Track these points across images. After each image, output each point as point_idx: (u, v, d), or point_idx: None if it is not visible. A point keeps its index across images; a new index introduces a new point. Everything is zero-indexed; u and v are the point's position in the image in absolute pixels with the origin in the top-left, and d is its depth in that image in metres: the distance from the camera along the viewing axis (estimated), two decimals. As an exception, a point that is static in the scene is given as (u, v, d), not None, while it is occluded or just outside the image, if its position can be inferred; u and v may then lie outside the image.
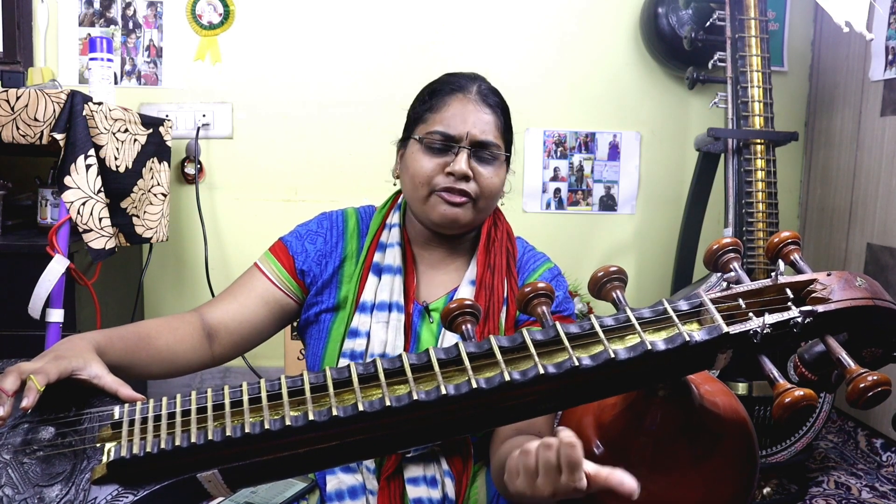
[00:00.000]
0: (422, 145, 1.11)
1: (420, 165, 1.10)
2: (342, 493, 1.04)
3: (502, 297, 1.13)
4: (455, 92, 1.12)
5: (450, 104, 1.11)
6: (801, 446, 1.96)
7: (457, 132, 1.09)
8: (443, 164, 1.09)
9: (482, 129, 1.10)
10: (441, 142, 1.10)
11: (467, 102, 1.11)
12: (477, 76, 1.17)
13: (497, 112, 1.13)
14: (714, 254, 0.80)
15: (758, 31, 1.98)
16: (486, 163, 1.11)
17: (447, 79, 1.16)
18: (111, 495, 0.73)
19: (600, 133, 2.64)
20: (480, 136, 1.10)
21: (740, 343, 0.74)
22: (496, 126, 1.12)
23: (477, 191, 1.10)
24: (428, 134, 1.11)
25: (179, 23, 2.48)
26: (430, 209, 1.11)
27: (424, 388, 0.74)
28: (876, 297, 0.74)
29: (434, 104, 1.13)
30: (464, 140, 1.09)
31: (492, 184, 1.11)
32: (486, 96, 1.13)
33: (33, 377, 0.78)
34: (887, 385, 0.67)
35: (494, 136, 1.11)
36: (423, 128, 1.13)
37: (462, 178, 1.08)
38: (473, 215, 1.12)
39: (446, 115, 1.11)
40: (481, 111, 1.11)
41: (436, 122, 1.11)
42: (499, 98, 1.15)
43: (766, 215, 1.97)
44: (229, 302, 1.14)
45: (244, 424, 0.72)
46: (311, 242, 1.17)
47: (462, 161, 1.08)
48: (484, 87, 1.14)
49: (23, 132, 1.69)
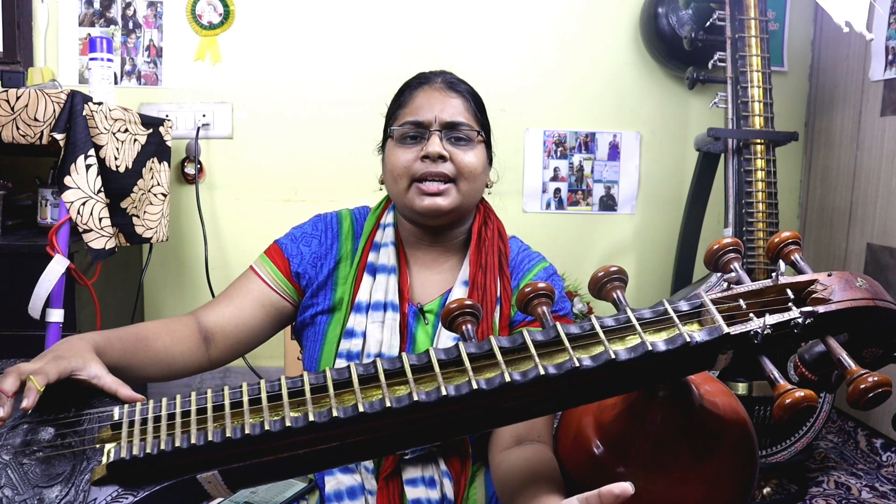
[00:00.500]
0: (395, 139, 1.13)
1: (396, 157, 1.12)
2: (341, 494, 1.04)
3: (495, 296, 1.13)
4: (421, 85, 1.15)
5: (416, 96, 1.14)
6: (801, 446, 1.96)
7: (425, 118, 1.11)
8: (418, 152, 1.10)
9: (451, 112, 1.12)
10: (412, 130, 1.11)
11: (434, 90, 1.14)
12: (443, 71, 1.19)
13: (466, 96, 1.15)
14: (715, 254, 0.80)
15: (758, 31, 1.98)
16: (461, 144, 1.12)
17: (415, 76, 1.19)
18: (111, 496, 0.73)
19: (600, 133, 2.64)
20: (450, 118, 1.11)
21: (741, 344, 0.74)
22: (466, 108, 1.14)
23: (454, 171, 1.10)
24: (399, 127, 1.13)
25: (179, 23, 2.48)
26: (411, 201, 1.11)
27: (425, 389, 0.74)
28: (877, 297, 0.74)
29: (403, 100, 1.16)
30: (433, 124, 1.11)
31: (469, 163, 1.11)
32: (454, 84, 1.15)
33: (33, 378, 0.78)
34: (888, 386, 0.67)
35: (465, 117, 1.13)
36: (394, 124, 1.15)
37: (438, 158, 1.09)
38: (458, 200, 1.11)
39: (414, 106, 1.13)
40: (448, 96, 1.13)
41: (406, 115, 1.13)
42: (467, 85, 1.17)
43: (766, 215, 1.97)
44: (225, 305, 1.14)
45: (244, 425, 0.72)
46: (305, 245, 1.17)
47: (435, 143, 1.09)
48: (449, 76, 1.17)
49: (23, 132, 1.69)
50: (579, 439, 0.92)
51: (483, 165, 1.15)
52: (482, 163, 1.14)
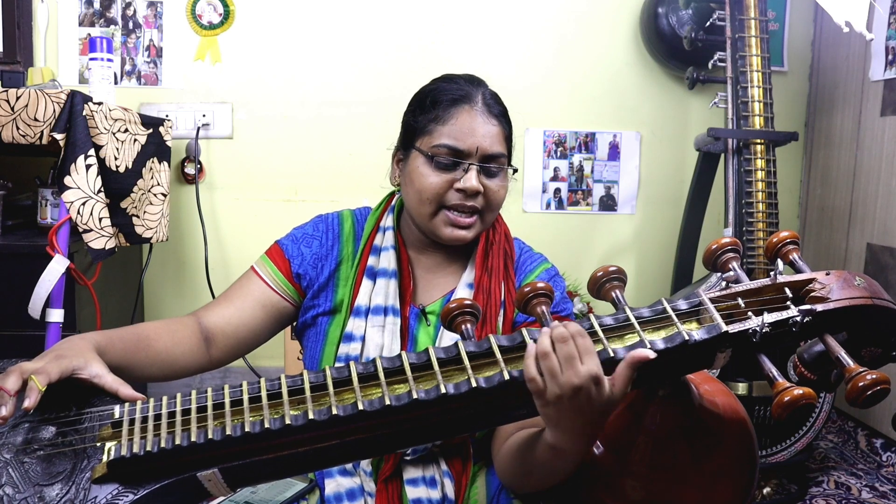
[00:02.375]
0: (428, 159, 1.09)
1: (428, 181, 1.08)
2: (341, 496, 1.04)
3: (499, 300, 1.13)
4: (460, 103, 1.09)
5: (456, 116, 1.08)
6: (801, 446, 1.96)
7: (466, 147, 1.07)
8: (451, 181, 1.07)
9: (491, 142, 1.08)
10: (449, 156, 1.08)
11: (475, 114, 1.08)
12: (478, 81, 1.14)
13: (502, 121, 1.12)
14: (713, 253, 0.81)
15: (758, 31, 1.98)
16: (493, 175, 1.10)
17: (448, 86, 1.12)
18: (111, 494, 0.73)
19: (600, 133, 2.64)
20: (490, 150, 1.08)
21: (739, 342, 0.74)
22: (503, 136, 1.11)
23: (484, 204, 1.10)
24: (434, 147, 1.08)
25: (179, 23, 2.48)
26: (436, 227, 1.10)
27: (424, 388, 0.74)
28: (875, 296, 0.74)
29: (439, 115, 1.09)
30: (473, 155, 1.07)
31: (499, 196, 1.11)
32: (492, 106, 1.10)
33: (34, 377, 0.78)
34: (886, 384, 0.67)
35: (502, 146, 1.10)
36: (427, 140, 1.09)
37: (473, 194, 1.08)
38: (479, 229, 1.12)
39: (454, 129, 1.07)
40: (489, 123, 1.09)
41: (442, 135, 1.08)
42: (502, 106, 1.13)
43: (766, 215, 1.97)
44: (226, 306, 1.13)
45: (244, 423, 0.73)
46: (306, 246, 1.17)
47: (473, 178, 1.06)
48: (489, 95, 1.12)
49: (23, 132, 1.69)
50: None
51: (507, 191, 1.14)
52: (507, 190, 1.13)
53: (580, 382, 0.73)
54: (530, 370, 0.75)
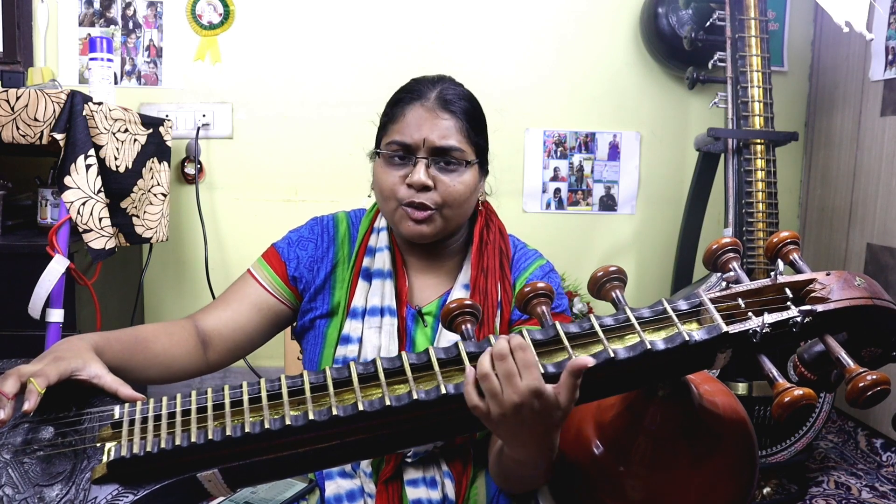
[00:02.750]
0: (382, 158, 1.10)
1: (383, 179, 1.09)
2: (341, 498, 1.04)
3: (496, 300, 1.12)
4: (413, 101, 1.09)
5: (407, 113, 1.08)
6: (801, 446, 1.96)
7: (412, 140, 1.07)
8: (403, 176, 1.07)
9: (441, 135, 1.07)
10: (399, 152, 1.08)
11: (424, 110, 1.08)
12: (442, 79, 1.13)
13: (459, 116, 1.09)
14: (713, 254, 0.81)
15: (758, 31, 1.98)
16: (448, 170, 1.08)
17: (409, 86, 1.13)
18: (111, 495, 0.73)
19: (600, 133, 2.64)
20: (439, 142, 1.07)
21: (740, 342, 0.74)
22: (458, 129, 1.08)
23: (438, 200, 1.07)
24: (387, 145, 1.09)
25: (179, 23, 2.48)
26: (398, 224, 1.10)
27: (424, 388, 0.74)
28: (875, 296, 0.74)
29: (393, 114, 1.11)
30: (421, 148, 1.07)
31: (455, 191, 1.08)
32: (447, 102, 1.08)
33: (34, 380, 0.78)
34: (886, 384, 0.67)
35: (457, 140, 1.08)
36: (384, 140, 1.11)
37: (422, 188, 1.06)
38: (441, 226, 1.09)
39: (402, 125, 1.08)
40: (439, 117, 1.07)
41: (393, 133, 1.09)
42: (463, 102, 1.10)
43: (766, 215, 1.97)
44: (223, 309, 1.13)
45: (244, 424, 0.73)
46: (302, 249, 1.17)
47: (420, 171, 1.06)
48: (446, 92, 1.10)
49: (23, 132, 1.69)
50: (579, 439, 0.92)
51: (471, 189, 1.11)
52: (470, 188, 1.10)
53: (520, 399, 0.73)
54: (472, 398, 0.75)
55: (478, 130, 1.12)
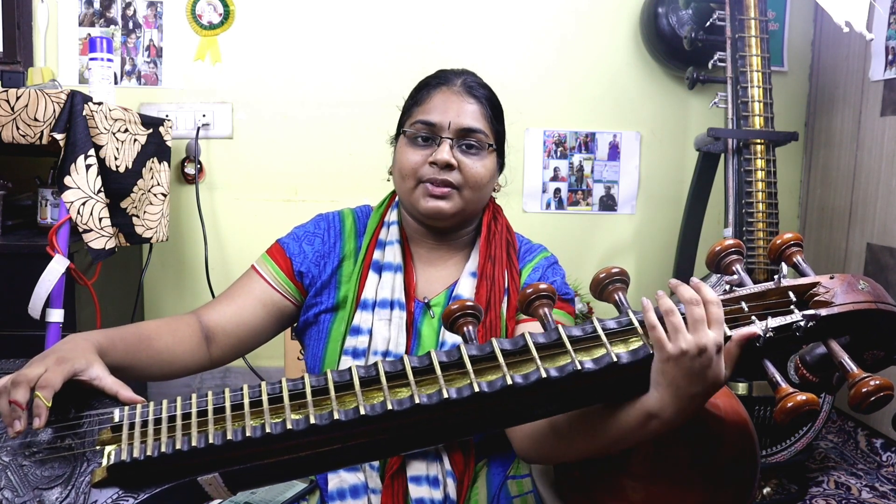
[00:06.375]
0: (407, 138, 1.13)
1: (406, 157, 1.12)
2: (344, 492, 1.04)
3: (503, 287, 1.14)
4: (440, 85, 1.15)
5: (433, 96, 1.13)
6: (801, 446, 1.96)
7: (438, 120, 1.11)
8: (427, 155, 1.11)
9: (465, 119, 1.11)
10: (424, 131, 1.11)
11: (451, 93, 1.13)
12: (466, 71, 1.19)
13: (483, 102, 1.14)
14: (717, 255, 0.80)
15: (758, 31, 1.98)
16: (471, 152, 1.12)
17: (436, 74, 1.18)
18: (111, 498, 0.73)
19: (600, 133, 2.63)
20: (463, 124, 1.11)
21: (743, 347, 0.74)
22: (482, 115, 1.13)
23: (461, 180, 1.11)
24: (412, 125, 1.13)
25: (179, 23, 2.48)
26: (416, 201, 1.12)
27: (426, 392, 0.74)
28: (879, 300, 0.74)
29: (420, 98, 1.15)
30: (446, 129, 1.11)
31: (476, 173, 1.12)
32: (472, 88, 1.14)
33: (40, 394, 0.77)
34: (889, 390, 0.67)
35: (480, 124, 1.12)
36: (408, 122, 1.15)
37: (445, 167, 1.09)
38: (460, 205, 1.12)
39: (429, 106, 1.13)
40: (465, 101, 1.13)
41: (420, 113, 1.13)
42: (486, 91, 1.16)
43: (766, 215, 1.96)
44: (227, 305, 1.13)
45: (245, 428, 0.72)
46: (308, 244, 1.17)
47: (444, 150, 1.09)
48: (470, 79, 1.16)
49: (23, 132, 1.69)
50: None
51: (491, 174, 1.15)
52: (490, 172, 1.15)
53: (707, 343, 0.71)
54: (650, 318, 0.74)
55: (499, 119, 1.18)
